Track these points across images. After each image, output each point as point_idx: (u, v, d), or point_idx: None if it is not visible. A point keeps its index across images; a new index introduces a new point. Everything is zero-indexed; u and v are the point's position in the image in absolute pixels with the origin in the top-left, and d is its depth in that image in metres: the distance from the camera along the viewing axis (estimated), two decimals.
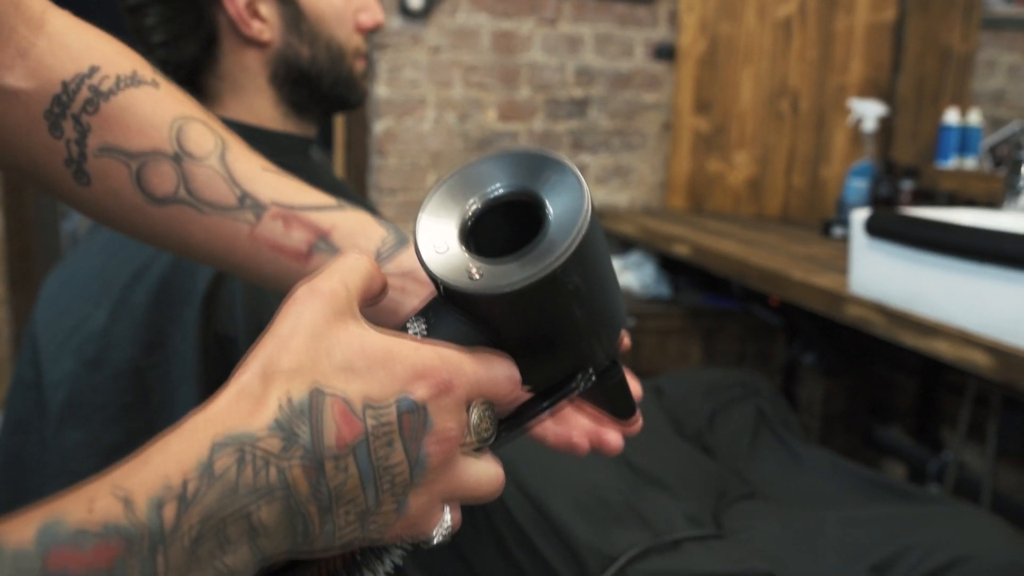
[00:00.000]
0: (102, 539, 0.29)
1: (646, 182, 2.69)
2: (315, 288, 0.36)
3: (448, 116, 2.48)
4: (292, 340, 0.35)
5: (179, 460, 0.31)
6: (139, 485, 0.30)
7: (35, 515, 0.29)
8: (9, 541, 0.28)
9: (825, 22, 2.42)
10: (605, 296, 0.40)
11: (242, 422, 0.33)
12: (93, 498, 0.30)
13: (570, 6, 2.53)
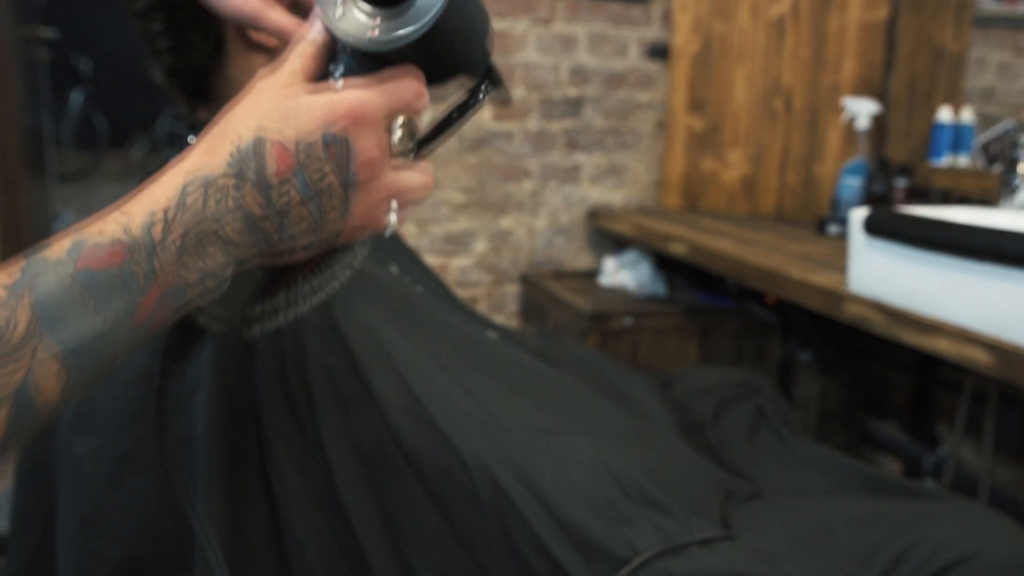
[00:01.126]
0: (112, 247, 0.42)
1: (640, 181, 2.70)
2: (271, 69, 0.49)
3: None
4: (245, 102, 0.48)
5: (161, 196, 0.45)
6: (133, 215, 0.44)
7: (62, 241, 0.42)
8: (48, 256, 0.42)
9: (818, 21, 2.43)
10: (476, 22, 0.51)
11: (206, 165, 0.46)
12: (102, 227, 0.43)
13: (564, 6, 2.53)
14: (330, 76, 0.51)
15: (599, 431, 0.95)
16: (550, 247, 2.65)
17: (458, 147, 2.51)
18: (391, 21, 0.48)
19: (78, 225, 0.44)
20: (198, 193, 0.45)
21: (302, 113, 0.47)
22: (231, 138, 0.46)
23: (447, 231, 2.55)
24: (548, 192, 2.62)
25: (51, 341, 0.40)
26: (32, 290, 0.40)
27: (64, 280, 0.41)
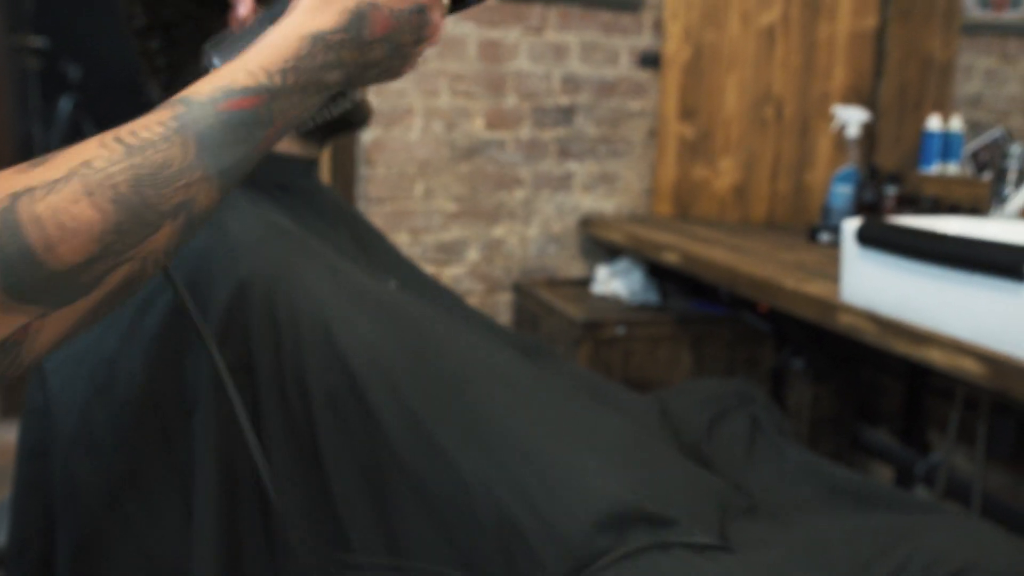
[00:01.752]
0: (249, 93, 0.54)
1: (632, 189, 2.71)
2: None
3: (435, 125, 2.49)
4: None
5: (285, 50, 0.56)
6: (263, 67, 0.55)
7: (208, 86, 0.53)
8: (199, 99, 0.52)
9: (808, 30, 2.44)
10: None
11: (319, 23, 0.58)
12: (233, 78, 0.54)
13: (555, 15, 2.54)
14: None
15: (599, 441, 0.95)
16: (543, 255, 2.66)
17: (450, 156, 2.51)
18: None
19: (218, 73, 0.55)
20: (314, 48, 0.57)
21: None
22: (347, 5, 0.59)
23: (440, 240, 2.55)
24: (540, 200, 2.63)
25: (209, 164, 0.52)
26: (194, 125, 0.51)
27: (216, 118, 0.52)
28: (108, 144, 0.49)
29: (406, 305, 0.92)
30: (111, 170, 0.48)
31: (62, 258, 0.46)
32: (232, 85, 0.54)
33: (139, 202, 0.48)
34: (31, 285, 0.45)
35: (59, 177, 0.47)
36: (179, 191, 0.50)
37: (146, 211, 0.49)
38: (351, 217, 1.10)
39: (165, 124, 0.51)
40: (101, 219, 0.47)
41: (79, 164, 0.47)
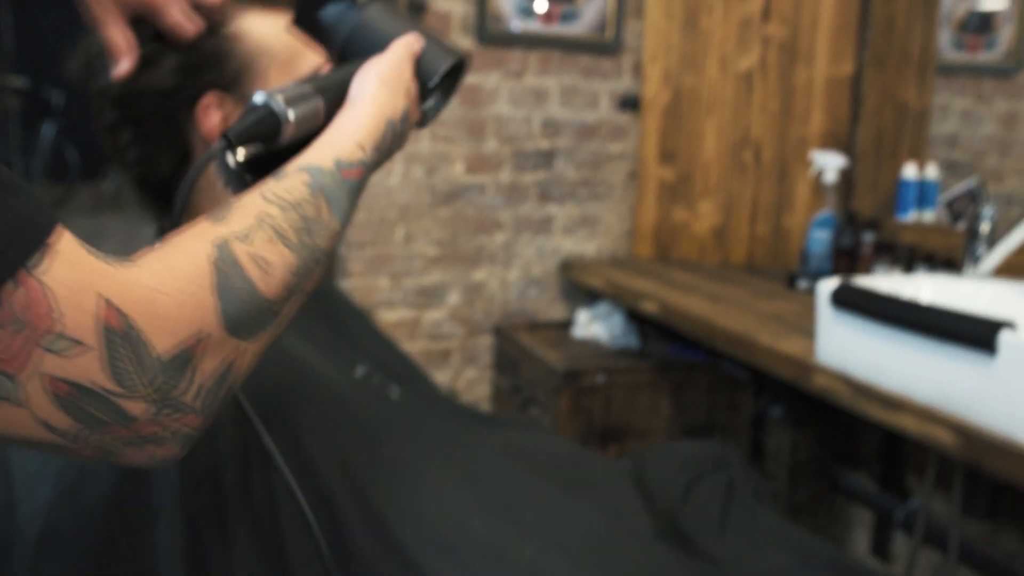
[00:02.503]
0: (356, 165, 0.66)
1: (613, 231, 2.72)
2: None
3: (416, 170, 2.49)
4: (404, 68, 0.77)
5: (374, 130, 0.70)
6: (363, 144, 0.68)
7: (320, 158, 0.65)
8: (323, 167, 0.64)
9: (785, 75, 2.47)
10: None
11: (393, 109, 0.72)
12: (347, 151, 0.66)
13: (536, 59, 2.55)
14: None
15: (567, 536, 0.95)
16: (523, 299, 2.66)
17: (430, 201, 2.51)
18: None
19: (329, 144, 0.67)
20: (386, 131, 0.71)
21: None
22: (405, 91, 0.74)
23: (420, 284, 2.55)
24: (521, 244, 2.63)
25: (338, 220, 0.63)
26: (325, 189, 0.62)
27: (339, 184, 0.64)
28: (271, 200, 0.59)
29: (366, 400, 0.92)
30: (285, 220, 0.58)
31: (272, 292, 0.55)
32: (347, 158, 0.66)
33: (310, 245, 0.59)
34: (245, 316, 0.52)
35: (252, 225, 0.56)
36: (327, 239, 0.61)
37: (314, 252, 0.59)
38: (328, 299, 1.10)
39: (306, 186, 0.61)
40: (292, 258, 0.57)
41: (257, 216, 0.56)
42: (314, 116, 0.73)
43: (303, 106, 0.72)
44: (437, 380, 2.60)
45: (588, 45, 2.59)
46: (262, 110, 0.70)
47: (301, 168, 0.63)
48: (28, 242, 0.44)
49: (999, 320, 1.21)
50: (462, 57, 0.83)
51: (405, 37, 0.79)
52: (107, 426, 0.46)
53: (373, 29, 0.81)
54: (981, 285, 1.59)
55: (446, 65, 0.80)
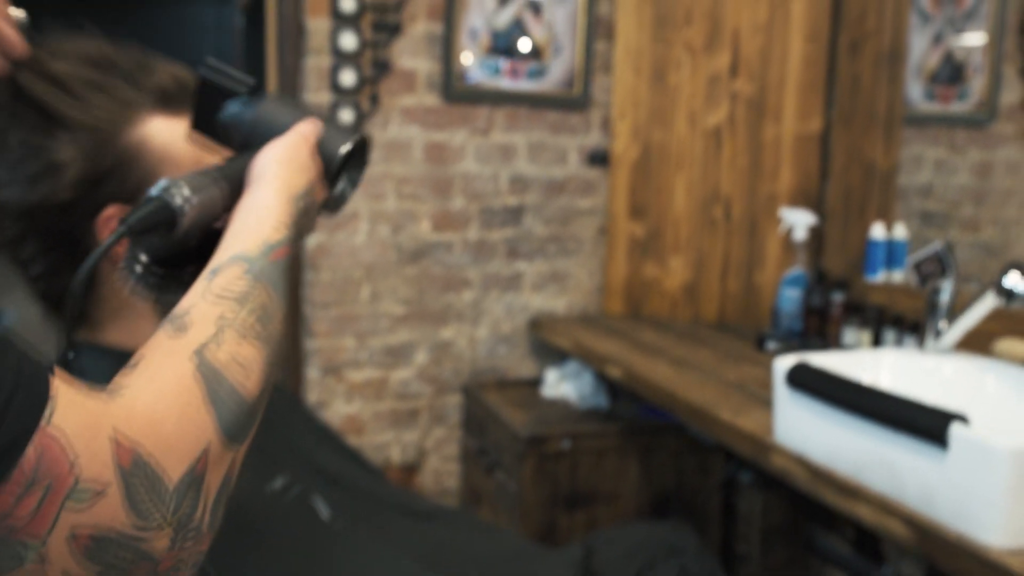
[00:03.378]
0: (283, 243, 0.66)
1: (583, 287, 2.69)
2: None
3: (381, 228, 2.46)
4: (303, 150, 0.77)
5: (288, 205, 0.70)
6: (283, 222, 0.68)
7: (247, 245, 0.65)
8: (250, 254, 0.63)
9: (754, 131, 2.44)
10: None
11: (299, 186, 0.73)
12: (270, 234, 0.66)
13: (502, 116, 2.53)
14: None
15: None
16: (492, 356, 2.62)
17: (396, 259, 2.48)
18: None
19: (251, 233, 0.66)
20: (297, 204, 0.71)
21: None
22: (302, 167, 0.74)
23: (387, 344, 2.51)
24: (489, 301, 2.60)
25: (283, 301, 0.64)
26: (262, 274, 0.63)
27: (274, 267, 0.64)
28: (220, 298, 0.59)
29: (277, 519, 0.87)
30: (241, 317, 0.58)
31: (255, 390, 0.56)
32: (272, 239, 0.66)
33: (273, 333, 0.61)
34: (238, 421, 0.53)
35: (215, 331, 0.56)
36: (280, 324, 0.62)
37: (277, 339, 0.61)
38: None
39: (246, 275, 0.61)
40: (264, 351, 0.59)
41: (217, 319, 0.57)
42: (212, 202, 0.72)
43: (201, 193, 0.70)
44: (405, 440, 2.55)
45: (556, 101, 2.57)
46: (159, 199, 0.69)
47: (233, 259, 0.63)
48: (37, 398, 0.44)
49: (950, 412, 1.18)
50: (362, 138, 0.82)
51: (301, 123, 0.79)
52: (133, 567, 0.47)
53: (270, 121, 0.80)
54: (942, 361, 1.56)
55: (346, 146, 0.80)
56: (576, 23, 2.55)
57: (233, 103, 0.81)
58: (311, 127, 0.79)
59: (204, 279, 0.62)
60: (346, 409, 2.49)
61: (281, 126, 0.79)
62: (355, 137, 0.81)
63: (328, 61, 2.36)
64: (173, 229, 0.69)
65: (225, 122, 0.81)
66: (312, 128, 0.79)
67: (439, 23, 2.44)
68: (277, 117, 0.81)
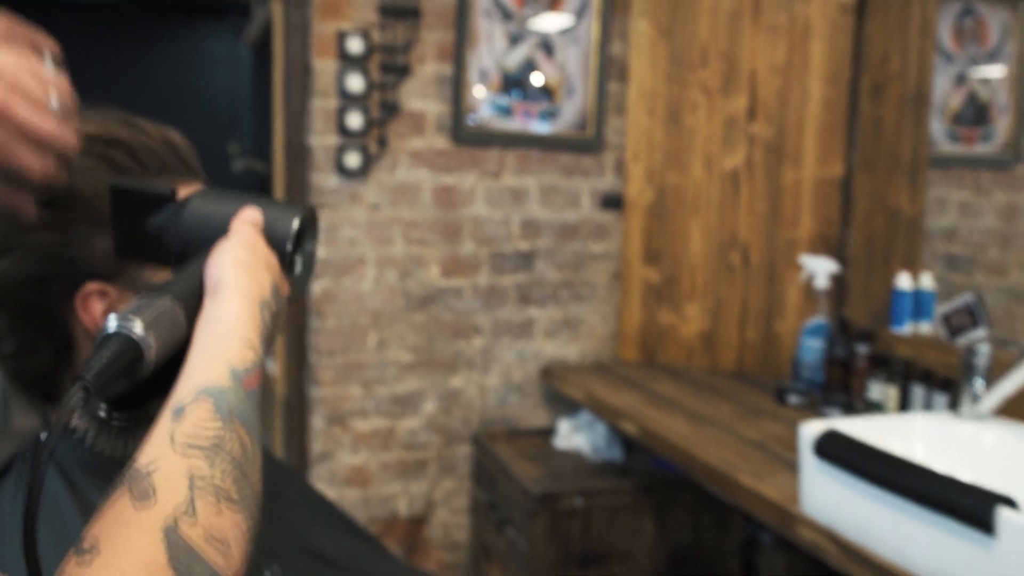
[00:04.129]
0: (255, 367, 0.60)
1: (596, 334, 2.61)
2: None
3: (389, 274, 2.39)
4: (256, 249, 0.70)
5: (254, 320, 0.64)
6: (251, 341, 0.62)
7: (214, 375, 0.58)
8: (221, 385, 0.57)
9: (772, 175, 2.37)
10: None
11: (261, 293, 0.66)
12: (238, 358, 0.59)
13: (513, 158, 2.47)
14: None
15: None
16: (503, 405, 2.54)
17: (404, 305, 2.41)
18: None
19: (217, 358, 0.59)
20: (263, 312, 0.64)
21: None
22: (265, 264, 0.68)
23: (394, 392, 2.43)
24: (500, 348, 2.52)
25: (257, 437, 0.58)
26: (235, 410, 0.56)
27: (246, 398, 0.58)
28: (190, 449, 0.53)
29: None
30: (215, 477, 0.52)
31: (235, 568, 0.50)
32: (240, 364, 0.59)
33: (251, 491, 0.54)
34: None
35: (186, 497, 0.50)
36: (258, 473, 0.56)
37: (256, 496, 0.55)
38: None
39: (215, 418, 0.55)
40: (242, 519, 0.53)
41: (188, 479, 0.51)
42: (175, 327, 0.64)
43: (162, 320, 0.62)
44: (413, 491, 2.47)
45: (568, 143, 2.51)
46: (118, 340, 0.60)
47: (199, 394, 0.56)
48: None
49: (996, 493, 1.09)
50: (309, 210, 0.76)
51: (242, 212, 0.72)
52: None
53: (206, 220, 0.73)
54: (980, 428, 1.47)
55: (295, 222, 0.73)
56: (589, 64, 2.49)
57: (157, 211, 0.73)
58: (253, 213, 0.72)
59: (167, 419, 0.55)
60: (352, 460, 2.41)
61: (220, 223, 0.72)
62: (301, 211, 0.74)
63: (335, 103, 2.30)
64: (138, 369, 0.61)
65: (154, 234, 0.74)
66: (254, 214, 0.72)
67: (448, 64, 2.38)
68: (213, 213, 0.73)
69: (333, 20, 2.28)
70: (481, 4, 2.39)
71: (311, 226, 0.77)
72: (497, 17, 2.41)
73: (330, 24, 2.28)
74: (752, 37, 2.36)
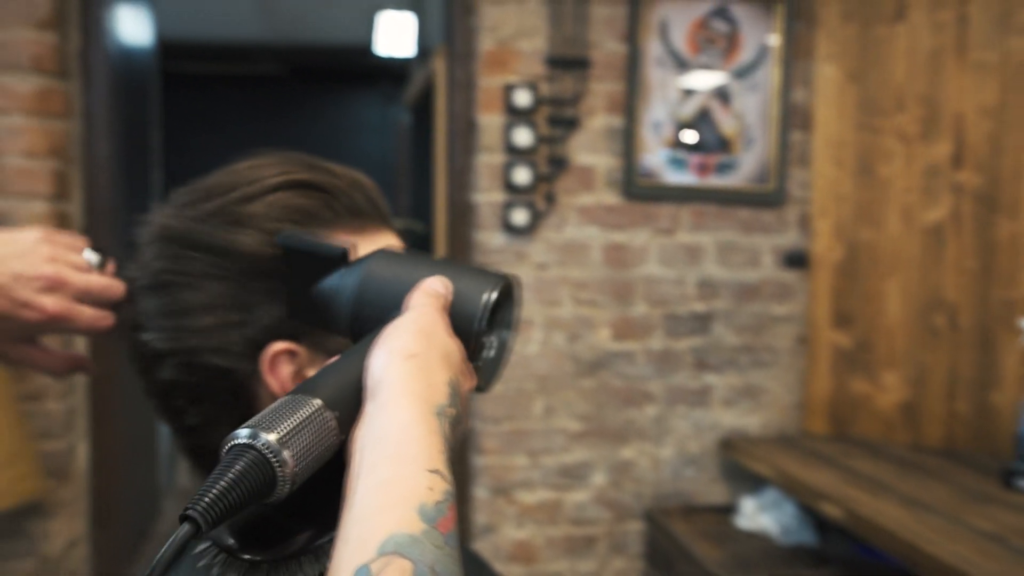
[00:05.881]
0: (447, 505, 0.44)
1: (780, 404, 2.39)
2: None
3: (556, 337, 2.26)
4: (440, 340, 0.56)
5: (435, 437, 0.48)
6: (434, 458, 0.46)
7: (397, 512, 0.42)
8: (403, 528, 0.42)
9: (983, 228, 2.12)
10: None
11: (438, 398, 0.50)
12: (419, 497, 0.43)
13: (688, 214, 2.31)
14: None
15: None
16: (678, 479, 2.35)
17: (573, 371, 2.27)
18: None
19: (400, 494, 0.44)
20: (442, 425, 0.49)
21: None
22: (443, 356, 0.52)
23: (561, 463, 2.29)
24: (674, 418, 2.34)
25: None
26: (436, 570, 0.41)
27: (447, 555, 0.42)
28: None
29: None
30: None
31: None
32: (430, 499, 0.44)
33: None
34: None
35: None
36: None
37: None
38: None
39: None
40: None
41: None
42: (322, 440, 0.49)
43: (305, 433, 0.48)
44: (580, 570, 2.30)
45: (748, 197, 2.34)
46: (245, 459, 0.46)
47: (385, 552, 0.41)
48: None
49: None
50: (507, 281, 0.60)
51: (424, 283, 0.58)
52: None
53: (379, 290, 0.59)
54: None
55: (490, 295, 0.57)
56: (769, 113, 2.33)
57: (330, 274, 0.61)
58: (436, 285, 0.58)
59: None
60: (516, 534, 2.27)
61: (396, 295, 0.58)
62: (498, 280, 0.59)
63: (501, 158, 2.22)
64: (268, 496, 0.47)
65: (324, 300, 0.61)
66: (438, 286, 0.58)
67: (619, 116, 2.27)
68: (389, 282, 0.59)
69: (499, 74, 2.21)
70: (653, 53, 2.27)
71: (508, 302, 0.62)
72: (670, 65, 2.28)
73: (496, 78, 2.21)
74: (957, 77, 2.14)
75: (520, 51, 2.21)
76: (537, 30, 2.21)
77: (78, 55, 2.07)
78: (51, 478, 2.00)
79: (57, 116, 2.00)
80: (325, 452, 0.49)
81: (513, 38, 2.21)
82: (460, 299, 0.58)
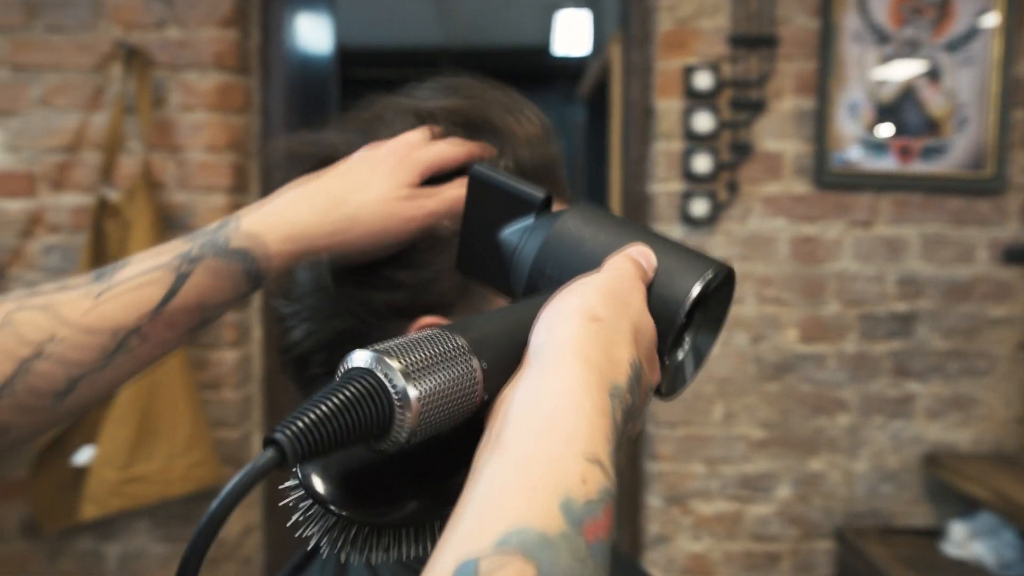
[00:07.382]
0: (605, 503, 0.34)
1: (996, 417, 2.12)
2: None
3: (739, 337, 2.10)
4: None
5: (604, 426, 0.37)
6: (596, 446, 0.36)
7: (535, 504, 0.32)
8: (536, 524, 0.31)
9: None
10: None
11: (617, 378, 0.40)
12: (567, 490, 0.33)
13: (888, 204, 2.09)
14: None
15: None
16: (874, 497, 2.13)
17: (756, 374, 2.10)
18: None
19: (544, 483, 0.33)
20: (617, 407, 0.39)
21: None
22: (632, 330, 0.42)
23: (742, 472, 2.12)
24: (870, 429, 2.12)
25: None
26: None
27: (584, 562, 0.32)
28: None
29: None
30: None
31: None
32: (582, 496, 0.33)
33: None
34: None
35: None
36: None
37: None
38: None
39: None
40: None
41: None
42: (461, 393, 0.39)
43: (441, 375, 0.38)
44: None
45: (959, 185, 2.09)
46: (357, 382, 0.36)
47: (505, 545, 0.30)
48: None
49: None
50: (728, 269, 0.48)
51: (627, 249, 0.47)
52: None
53: (575, 244, 0.48)
54: None
55: (703, 282, 0.46)
56: (987, 89, 2.07)
57: (513, 224, 0.51)
58: (642, 255, 0.47)
59: None
60: (692, 547, 2.13)
61: (594, 252, 0.48)
62: (713, 267, 0.47)
63: (680, 145, 2.08)
64: (384, 438, 0.37)
65: (506, 250, 0.51)
66: (643, 257, 0.47)
67: (810, 98, 2.08)
68: (587, 239, 0.48)
69: (678, 56, 2.07)
70: (849, 27, 2.07)
71: (720, 297, 0.50)
72: (870, 40, 2.07)
73: (675, 60, 2.08)
74: None
75: (700, 30, 2.07)
76: (719, 7, 2.06)
77: (257, 52, 2.11)
78: (226, 466, 2.03)
79: (237, 111, 2.04)
80: (461, 407, 0.39)
81: (693, 17, 2.07)
82: (663, 278, 0.47)
